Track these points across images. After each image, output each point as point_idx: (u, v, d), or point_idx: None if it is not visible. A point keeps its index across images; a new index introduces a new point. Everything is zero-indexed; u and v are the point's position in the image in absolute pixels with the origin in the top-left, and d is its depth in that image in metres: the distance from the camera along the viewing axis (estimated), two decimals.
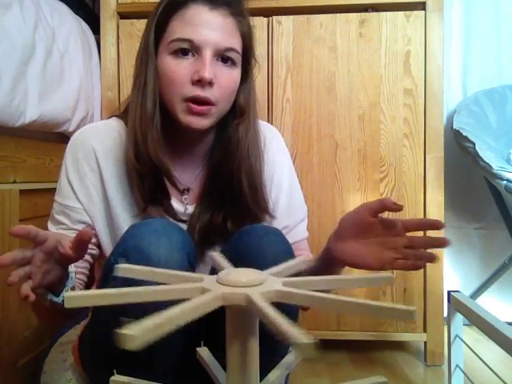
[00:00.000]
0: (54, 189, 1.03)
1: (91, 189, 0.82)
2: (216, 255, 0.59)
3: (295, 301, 0.43)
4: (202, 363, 0.59)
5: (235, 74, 0.76)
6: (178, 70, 0.73)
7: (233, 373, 0.45)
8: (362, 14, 1.41)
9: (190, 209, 0.83)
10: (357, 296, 1.40)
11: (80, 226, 0.83)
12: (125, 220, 0.82)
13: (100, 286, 0.75)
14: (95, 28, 1.47)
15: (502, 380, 0.84)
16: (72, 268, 0.70)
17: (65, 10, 1.34)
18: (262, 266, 0.56)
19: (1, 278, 1.01)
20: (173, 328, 0.36)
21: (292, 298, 0.44)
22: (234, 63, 0.75)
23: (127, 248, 0.67)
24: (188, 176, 0.85)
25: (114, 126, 0.84)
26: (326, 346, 1.41)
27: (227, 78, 0.75)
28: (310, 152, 1.42)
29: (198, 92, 0.72)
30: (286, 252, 0.73)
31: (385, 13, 1.40)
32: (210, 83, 0.72)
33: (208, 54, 0.72)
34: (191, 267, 0.72)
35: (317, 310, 1.40)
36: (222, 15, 0.73)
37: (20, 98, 1.03)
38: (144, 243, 0.65)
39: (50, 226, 0.85)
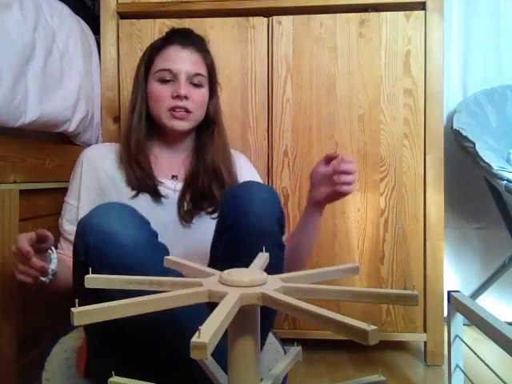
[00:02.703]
0: (54, 189, 1.04)
1: (85, 189, 1.03)
2: (175, 259, 0.59)
3: (302, 294, 0.44)
4: (200, 363, 0.59)
5: (203, 91, 1.07)
6: (163, 91, 1.03)
7: (234, 372, 0.45)
8: (362, 13, 1.41)
9: (179, 186, 1.07)
10: None
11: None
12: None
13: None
14: (95, 28, 1.47)
15: (502, 380, 0.84)
16: (53, 253, 0.87)
17: (65, 10, 1.34)
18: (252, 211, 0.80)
19: (1, 277, 1.01)
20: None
21: (300, 292, 0.44)
22: (201, 85, 1.06)
23: (87, 224, 0.74)
24: (175, 164, 1.10)
25: (112, 145, 1.13)
26: (326, 345, 1.41)
27: (198, 94, 1.05)
28: (309, 152, 1.42)
29: (178, 103, 1.01)
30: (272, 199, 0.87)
31: (385, 13, 1.40)
32: (186, 97, 1.01)
33: (183, 78, 1.02)
34: (156, 239, 0.80)
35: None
36: (191, 52, 1.04)
37: (20, 98, 1.03)
38: (104, 220, 0.74)
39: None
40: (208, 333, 0.34)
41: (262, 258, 0.58)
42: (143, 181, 1.02)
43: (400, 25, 1.40)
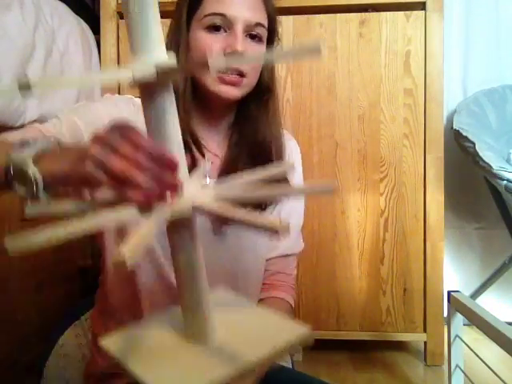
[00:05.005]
0: None
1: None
2: None
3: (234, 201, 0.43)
4: None
5: (262, 49, 0.79)
6: (212, 43, 0.75)
7: (182, 286, 0.45)
8: (362, 14, 1.41)
9: (210, 183, 0.81)
10: (358, 292, 1.40)
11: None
12: None
13: None
14: (95, 28, 1.47)
15: (502, 380, 0.84)
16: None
17: (65, 10, 1.34)
18: None
19: (2, 277, 1.01)
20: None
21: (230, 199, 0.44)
22: (261, 40, 0.78)
23: None
24: (215, 144, 0.85)
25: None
26: (326, 345, 1.41)
27: (256, 52, 0.77)
28: (309, 152, 1.42)
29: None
30: None
31: (385, 13, 1.40)
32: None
33: (239, 28, 0.75)
34: None
35: (317, 310, 1.40)
36: None
37: (20, 98, 1.03)
38: None
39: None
40: (129, 244, 0.34)
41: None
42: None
43: (400, 25, 1.40)
